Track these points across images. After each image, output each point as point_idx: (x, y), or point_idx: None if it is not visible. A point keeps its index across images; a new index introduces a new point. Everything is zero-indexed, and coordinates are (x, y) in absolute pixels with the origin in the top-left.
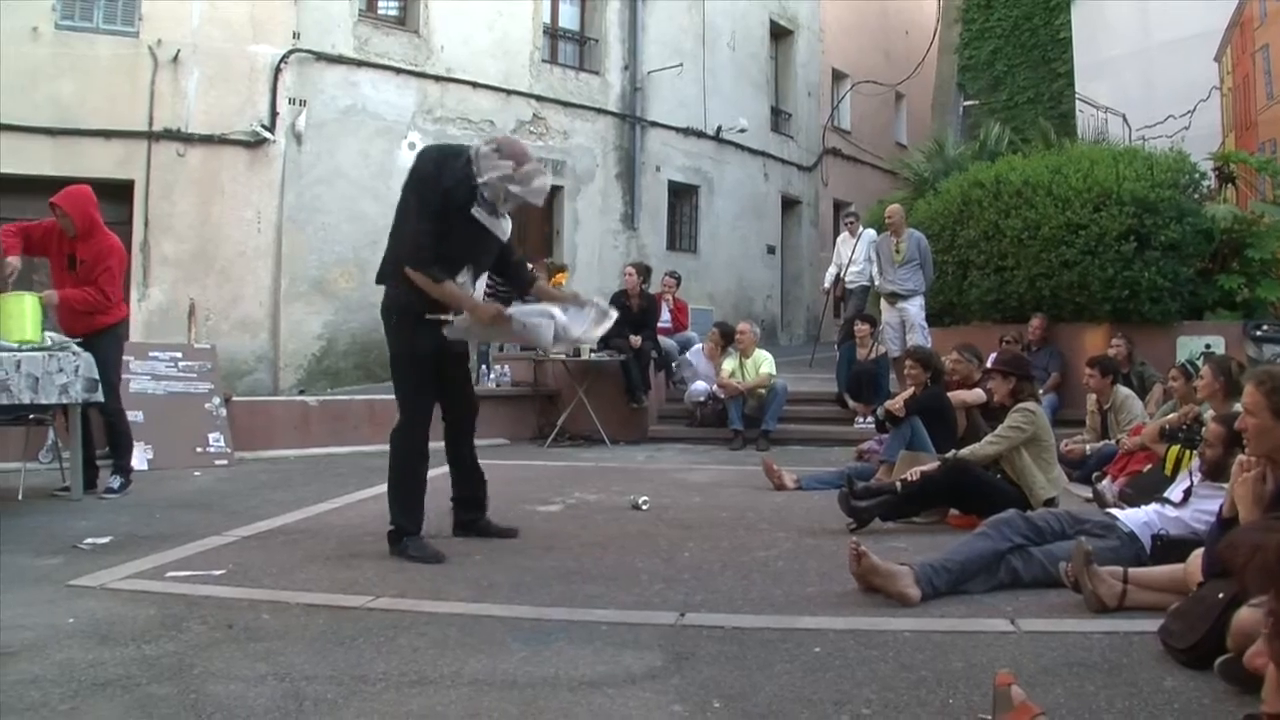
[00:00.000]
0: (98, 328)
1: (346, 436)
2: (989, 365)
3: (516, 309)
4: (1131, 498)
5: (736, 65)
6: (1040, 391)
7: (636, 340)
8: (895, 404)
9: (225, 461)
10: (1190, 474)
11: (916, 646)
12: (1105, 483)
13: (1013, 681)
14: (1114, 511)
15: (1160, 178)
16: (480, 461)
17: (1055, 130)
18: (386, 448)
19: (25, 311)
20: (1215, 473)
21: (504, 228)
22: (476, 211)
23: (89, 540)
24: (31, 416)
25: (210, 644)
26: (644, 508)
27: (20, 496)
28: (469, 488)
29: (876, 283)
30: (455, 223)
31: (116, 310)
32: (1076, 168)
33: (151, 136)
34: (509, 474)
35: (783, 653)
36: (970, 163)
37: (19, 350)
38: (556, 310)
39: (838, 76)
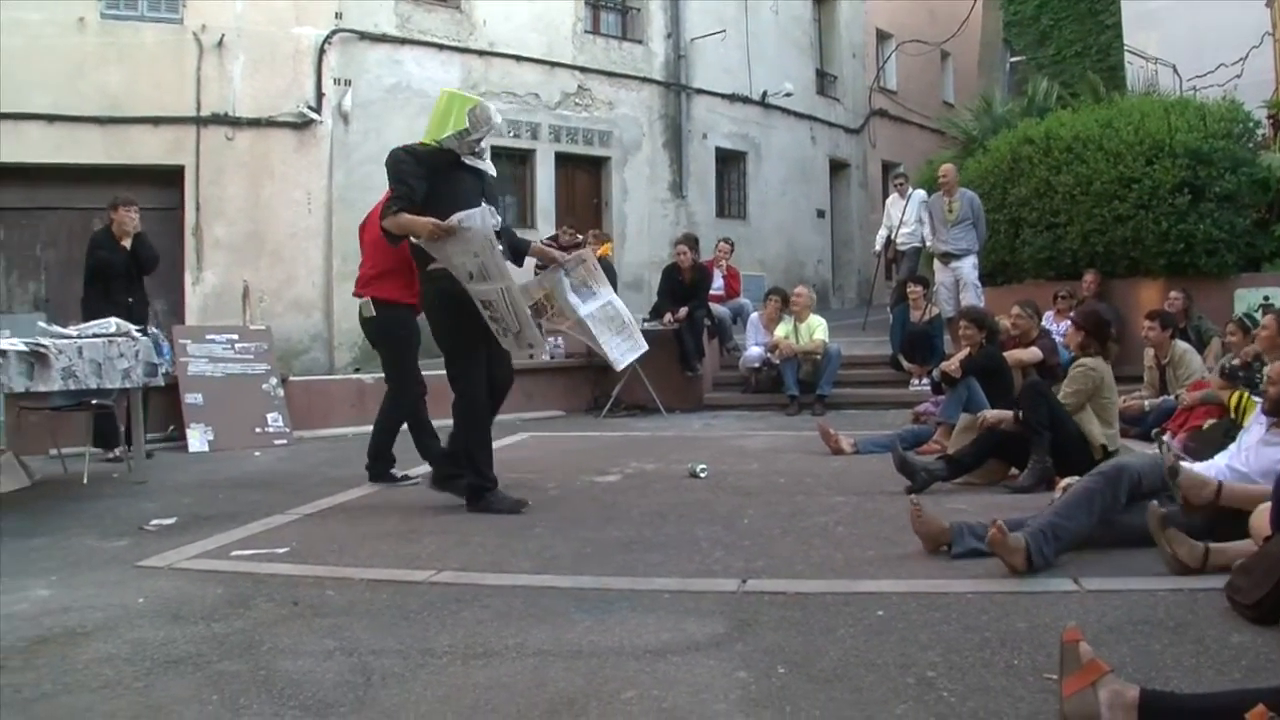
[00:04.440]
0: None
1: None
2: (1072, 317)
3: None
4: (1194, 452)
5: (780, 29)
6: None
7: (681, 314)
8: (951, 365)
9: (284, 441)
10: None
11: (980, 608)
12: (1165, 438)
13: (1080, 638)
14: (1185, 465)
15: (1213, 128)
16: (537, 434)
17: (1104, 83)
18: (441, 423)
19: None
20: (1277, 410)
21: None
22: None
23: (155, 521)
24: (95, 402)
25: (277, 620)
26: (702, 475)
27: (85, 480)
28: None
29: (928, 243)
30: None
31: None
32: (1127, 121)
33: (200, 122)
34: (566, 445)
35: (845, 617)
36: (1019, 119)
37: (79, 337)
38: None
39: (882, 37)
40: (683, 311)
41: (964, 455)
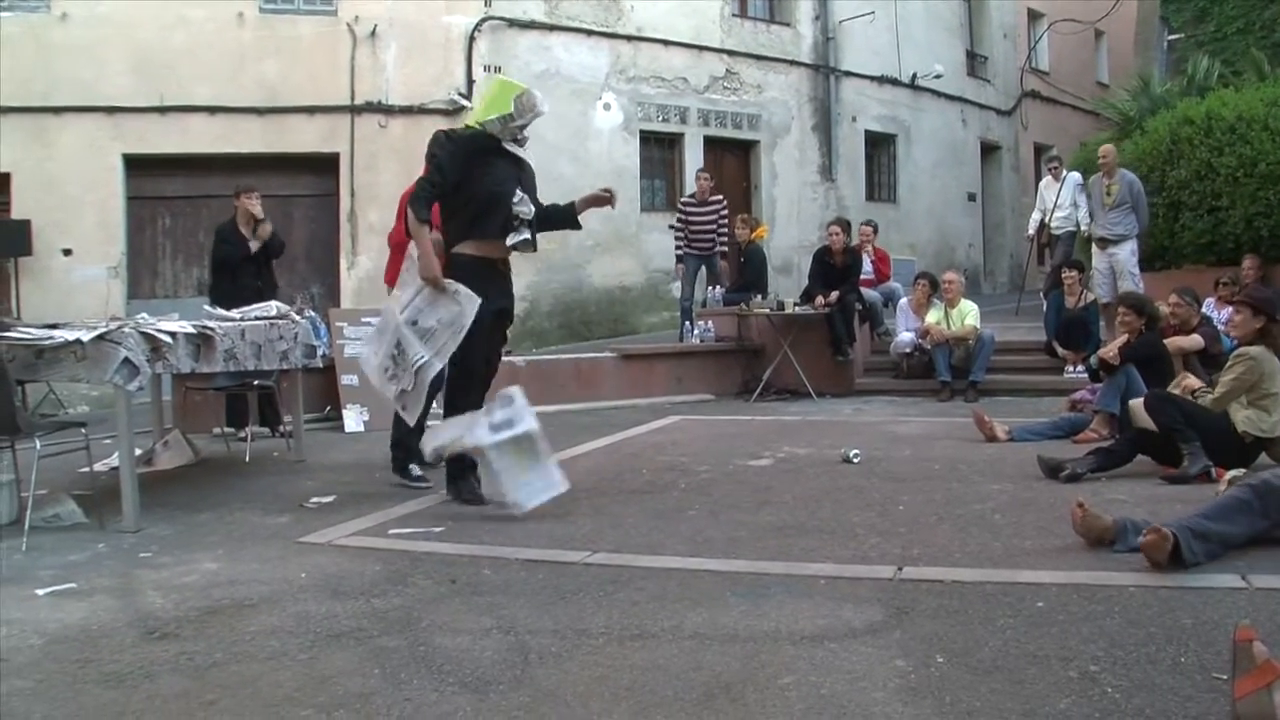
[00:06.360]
0: None
1: (554, 395)
2: (1239, 297)
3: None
4: None
5: (929, 10)
6: None
7: (832, 297)
8: (1109, 352)
9: (437, 422)
10: None
11: (1143, 602)
12: None
13: (1254, 637)
14: None
15: None
16: (688, 417)
17: (1269, 60)
18: (592, 405)
19: None
20: None
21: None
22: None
23: (314, 499)
24: (256, 383)
25: (435, 598)
26: (855, 461)
27: (248, 459)
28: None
29: (1083, 227)
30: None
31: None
32: None
33: (354, 110)
34: (717, 429)
35: (1004, 607)
36: (1178, 99)
37: (243, 320)
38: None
39: (1034, 16)
40: (833, 295)
41: (1114, 449)
